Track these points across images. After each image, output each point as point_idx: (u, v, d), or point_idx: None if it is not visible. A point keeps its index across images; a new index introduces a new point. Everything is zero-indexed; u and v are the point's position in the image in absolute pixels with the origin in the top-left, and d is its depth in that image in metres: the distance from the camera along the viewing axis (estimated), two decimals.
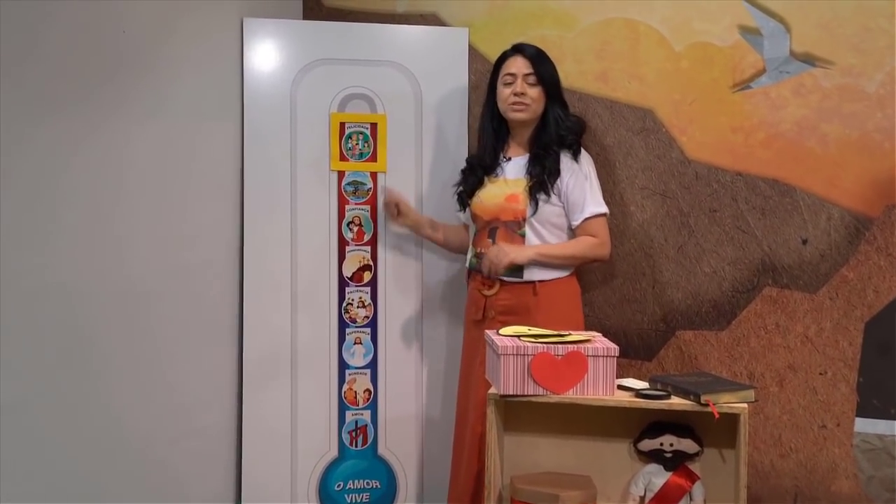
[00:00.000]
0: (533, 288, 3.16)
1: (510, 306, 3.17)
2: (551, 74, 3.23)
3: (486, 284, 3.20)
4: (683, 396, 2.77)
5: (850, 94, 3.24)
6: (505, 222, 3.19)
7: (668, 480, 2.84)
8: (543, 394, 2.76)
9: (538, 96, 3.21)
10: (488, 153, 3.28)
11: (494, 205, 3.21)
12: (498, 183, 3.23)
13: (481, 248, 3.20)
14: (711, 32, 3.35)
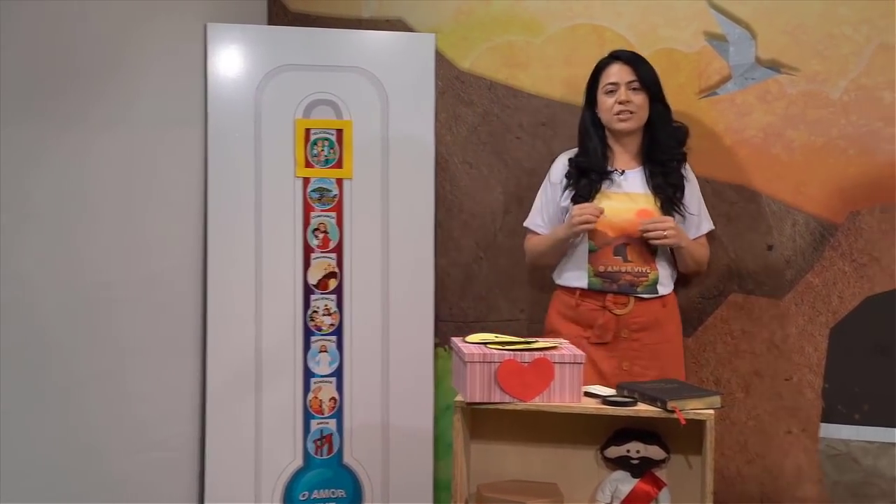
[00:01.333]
0: (663, 301, 3.14)
1: (644, 322, 3.11)
2: (653, 78, 3.15)
3: (618, 303, 3.11)
4: (650, 403, 2.79)
5: (815, 101, 3.28)
6: (636, 239, 3.09)
7: (634, 487, 2.86)
8: (510, 401, 2.76)
9: (643, 103, 3.12)
10: (600, 161, 3.16)
11: (624, 220, 3.10)
12: (619, 197, 3.13)
13: (607, 266, 3.10)
14: (678, 39, 3.39)
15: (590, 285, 3.13)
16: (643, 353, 3.11)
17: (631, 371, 3.09)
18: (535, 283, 3.52)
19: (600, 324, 3.11)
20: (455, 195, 3.56)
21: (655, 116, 3.14)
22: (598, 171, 3.14)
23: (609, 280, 3.10)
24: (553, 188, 3.23)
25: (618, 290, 3.10)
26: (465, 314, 3.56)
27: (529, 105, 3.50)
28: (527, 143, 3.52)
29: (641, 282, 3.10)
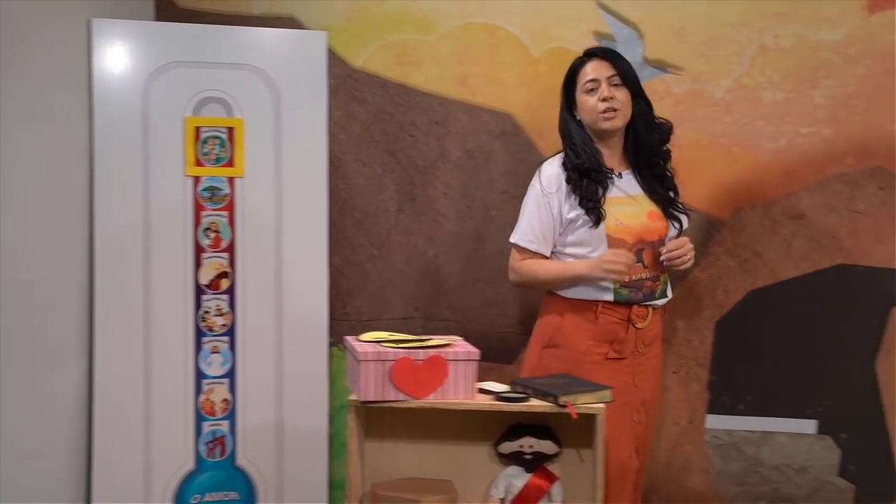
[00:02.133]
0: (663, 309, 3.08)
1: (653, 335, 3.05)
2: (632, 72, 3.05)
3: (640, 316, 3.00)
4: (542, 398, 2.83)
5: (700, 100, 3.38)
6: (651, 242, 2.99)
7: (527, 482, 2.90)
8: (404, 399, 2.78)
9: (626, 98, 3.01)
10: (595, 160, 3.01)
11: (639, 224, 2.99)
12: (626, 201, 3.01)
13: (631, 276, 2.96)
14: (568, 38, 3.44)
15: (616, 297, 2.98)
16: (648, 367, 3.06)
17: (641, 386, 3.03)
18: (428, 281, 3.54)
19: (622, 338, 2.99)
20: (349, 193, 3.56)
21: (637, 114, 3.04)
22: (597, 169, 2.99)
23: (635, 290, 2.98)
24: (549, 199, 3.03)
25: (643, 298, 2.99)
26: (360, 313, 3.57)
27: (423, 103, 3.52)
28: (420, 141, 3.54)
29: (657, 287, 3.02)
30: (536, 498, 2.90)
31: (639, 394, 3.01)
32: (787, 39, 3.32)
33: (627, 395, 2.96)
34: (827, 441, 3.39)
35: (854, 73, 3.30)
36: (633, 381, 3.00)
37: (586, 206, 2.96)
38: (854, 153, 3.32)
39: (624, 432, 2.97)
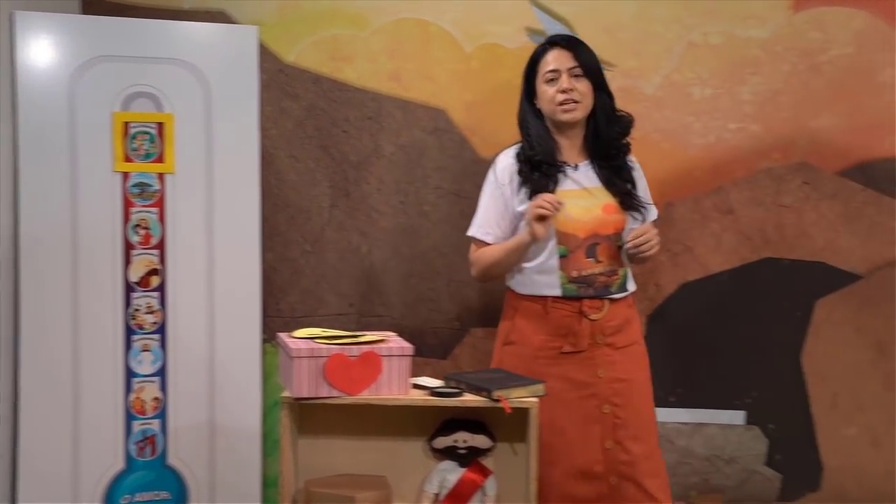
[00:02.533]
0: (630, 300, 3.02)
1: (617, 326, 2.97)
2: (596, 64, 2.96)
3: (593, 308, 2.94)
4: (476, 393, 2.84)
5: (631, 96, 3.42)
6: (606, 236, 2.93)
7: (461, 476, 2.91)
8: (337, 395, 2.77)
9: (587, 90, 2.94)
10: (549, 152, 2.95)
11: (593, 218, 2.93)
12: (580, 194, 2.94)
13: (581, 271, 2.92)
14: (501, 34, 3.46)
15: (564, 293, 2.94)
16: (616, 357, 2.97)
17: (606, 378, 2.96)
18: (362, 277, 3.53)
19: (575, 331, 2.94)
20: (281, 189, 3.54)
21: (598, 106, 2.97)
22: (550, 162, 2.94)
23: (584, 285, 2.93)
24: (503, 191, 3.01)
25: (594, 294, 2.93)
26: (293, 309, 3.55)
27: (356, 99, 3.51)
28: (353, 136, 3.53)
29: (614, 281, 2.96)
30: (470, 492, 2.91)
31: (606, 385, 2.94)
32: (716, 37, 3.37)
33: (592, 388, 2.94)
34: (755, 431, 3.46)
35: (780, 70, 3.36)
36: (595, 373, 2.95)
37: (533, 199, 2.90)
38: (780, 148, 3.39)
39: (591, 424, 2.94)
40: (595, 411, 2.95)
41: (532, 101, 3.01)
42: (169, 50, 3.28)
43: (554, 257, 2.93)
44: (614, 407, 2.95)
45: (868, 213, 3.36)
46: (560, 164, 2.95)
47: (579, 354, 2.94)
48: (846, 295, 3.39)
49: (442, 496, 2.93)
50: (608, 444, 2.95)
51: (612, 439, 2.96)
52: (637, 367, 3.02)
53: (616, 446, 2.96)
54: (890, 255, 3.36)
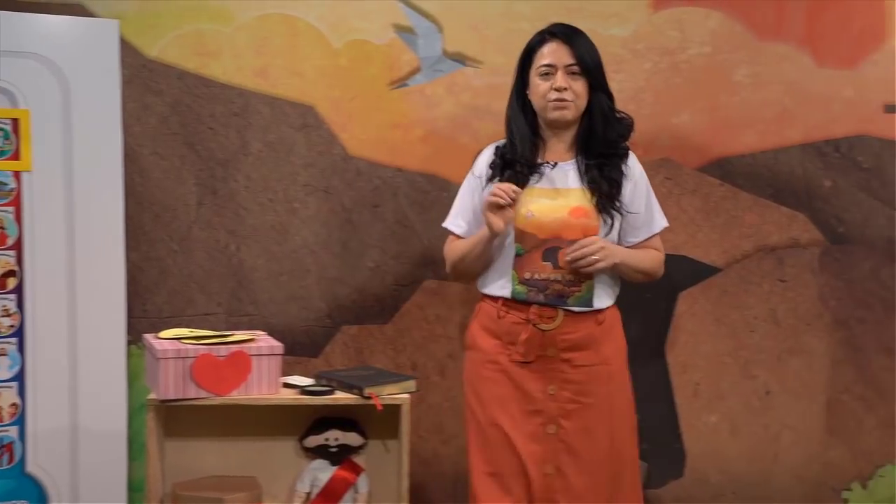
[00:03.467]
0: (599, 317, 2.73)
1: (576, 341, 2.70)
2: (595, 61, 2.76)
3: (544, 317, 2.70)
4: (347, 391, 2.86)
5: (499, 93, 3.41)
6: (570, 241, 2.67)
7: (333, 474, 2.93)
8: (206, 396, 2.75)
9: (582, 90, 2.73)
10: (527, 151, 2.77)
11: (556, 220, 2.70)
12: (550, 194, 2.74)
13: (533, 273, 2.70)
14: (369, 30, 3.45)
15: (513, 294, 2.72)
16: (573, 376, 2.71)
17: (558, 396, 2.71)
18: (230, 276, 3.48)
19: (523, 339, 2.71)
20: (146, 187, 3.46)
21: (596, 106, 2.76)
22: (523, 162, 2.75)
23: (535, 289, 2.70)
24: (476, 182, 2.84)
25: (544, 301, 2.70)
26: (160, 310, 3.47)
27: (222, 95, 3.45)
28: (220, 133, 3.47)
29: (573, 292, 2.70)
30: (342, 490, 2.93)
31: (555, 404, 2.71)
32: None
33: (540, 404, 2.71)
34: None
35: (642, 68, 3.45)
36: (545, 388, 2.71)
37: None
38: (643, 145, 3.45)
39: (532, 443, 2.71)
40: (538, 430, 2.71)
41: (523, 91, 2.82)
42: (23, 43, 3.17)
43: (510, 256, 2.74)
44: (560, 429, 2.71)
45: (726, 207, 3.48)
46: (535, 164, 2.76)
47: (530, 366, 2.71)
48: (706, 287, 3.50)
49: (314, 495, 2.94)
50: (548, 468, 2.72)
51: (552, 464, 2.72)
52: (601, 391, 2.73)
53: (556, 472, 2.72)
54: (747, 248, 3.49)
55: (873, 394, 3.46)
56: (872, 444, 3.46)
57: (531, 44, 2.82)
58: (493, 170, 2.80)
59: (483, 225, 2.72)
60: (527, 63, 2.81)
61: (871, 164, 3.42)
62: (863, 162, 3.42)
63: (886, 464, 3.46)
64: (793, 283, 3.48)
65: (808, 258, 3.47)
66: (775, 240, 3.47)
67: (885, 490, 3.45)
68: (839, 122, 3.42)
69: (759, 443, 3.49)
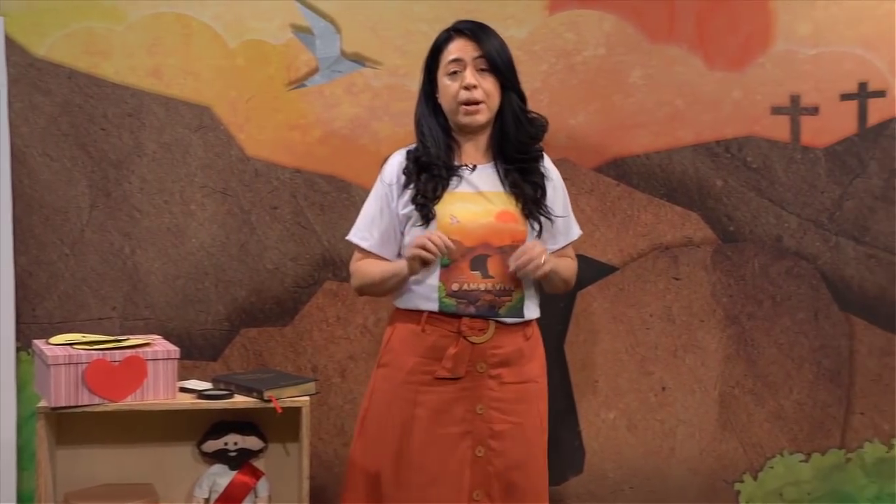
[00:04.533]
0: (526, 330, 2.63)
1: (506, 356, 2.58)
2: (504, 58, 2.64)
3: (474, 329, 2.56)
4: (246, 394, 2.84)
5: (398, 94, 3.45)
6: (500, 248, 2.56)
7: (232, 479, 2.90)
8: (99, 402, 2.70)
9: (493, 88, 2.62)
10: (443, 153, 2.63)
11: (482, 226, 2.57)
12: (473, 198, 2.61)
13: (462, 284, 2.56)
14: (265, 30, 3.41)
15: (441, 307, 2.57)
16: (503, 394, 2.59)
17: (486, 416, 2.57)
18: (125, 279, 3.41)
19: (452, 354, 2.55)
20: (35, 189, 3.36)
21: (507, 106, 2.65)
22: (441, 165, 2.62)
23: (465, 301, 2.56)
24: (388, 191, 2.69)
25: (475, 312, 2.56)
26: (51, 315, 3.38)
27: (114, 95, 3.37)
28: (113, 134, 3.40)
29: (504, 302, 2.59)
30: (242, 495, 2.90)
31: (484, 424, 2.57)
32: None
33: (468, 425, 2.57)
34: None
35: (539, 70, 3.48)
36: (473, 408, 2.58)
37: (417, 202, 2.60)
38: None
39: (461, 467, 2.58)
40: (467, 453, 2.57)
41: (433, 95, 2.71)
42: None
43: (436, 266, 2.58)
44: (489, 451, 2.58)
45: (622, 207, 3.54)
46: (453, 167, 2.65)
47: (457, 383, 2.56)
48: (603, 286, 3.55)
49: (212, 500, 2.91)
50: (476, 494, 2.58)
51: (482, 489, 2.59)
52: (530, 411, 2.65)
53: (485, 498, 2.59)
54: (642, 247, 3.55)
55: (763, 387, 3.55)
56: (763, 436, 3.55)
57: (437, 41, 2.71)
58: (408, 176, 2.65)
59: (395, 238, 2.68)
60: (434, 63, 2.71)
61: (759, 164, 3.51)
62: (752, 162, 3.51)
63: (776, 455, 3.55)
64: (686, 281, 3.55)
65: (701, 256, 3.54)
66: (669, 238, 3.54)
67: (775, 481, 3.55)
68: (729, 123, 3.50)
69: (656, 437, 3.55)
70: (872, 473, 3.53)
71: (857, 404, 3.54)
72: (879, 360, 3.52)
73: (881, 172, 3.49)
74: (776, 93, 3.49)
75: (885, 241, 3.50)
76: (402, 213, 2.66)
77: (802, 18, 3.46)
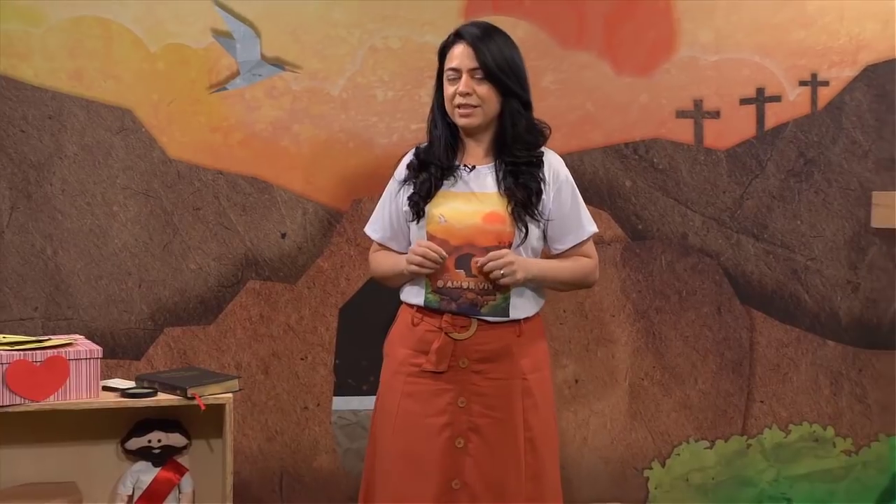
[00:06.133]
0: (518, 327, 2.61)
1: (489, 352, 2.57)
2: (502, 65, 2.60)
3: (456, 326, 2.57)
4: (170, 392, 2.82)
5: (318, 97, 3.45)
6: (485, 248, 2.54)
7: (156, 476, 2.88)
8: (21, 402, 2.66)
9: (489, 94, 2.59)
10: (443, 153, 2.64)
11: (469, 226, 2.57)
12: (465, 197, 2.61)
13: (446, 281, 2.57)
14: (186, 34, 3.39)
15: (426, 303, 2.60)
16: (486, 389, 2.57)
17: (469, 409, 2.56)
18: (47, 280, 3.35)
19: (435, 348, 2.56)
20: None
21: (506, 112, 2.62)
22: (438, 164, 2.64)
23: (448, 298, 2.58)
24: (396, 186, 2.72)
25: (457, 309, 2.57)
26: None
27: (34, 97, 3.32)
28: (33, 137, 3.34)
29: (487, 301, 2.58)
30: (166, 491, 2.88)
31: (465, 417, 2.57)
32: (395, 41, 3.46)
33: (449, 416, 2.57)
34: None
35: None
36: (455, 401, 2.57)
37: (411, 199, 2.64)
38: None
39: (442, 457, 2.57)
40: (448, 444, 2.57)
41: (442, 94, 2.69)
42: None
43: None
44: (469, 443, 2.58)
45: None
46: (451, 168, 2.65)
47: (441, 376, 2.57)
48: None
49: (136, 497, 2.88)
50: (455, 483, 2.57)
51: (460, 479, 2.57)
52: (515, 406, 2.60)
53: (464, 487, 2.57)
54: None
55: (670, 378, 3.62)
56: (670, 425, 3.62)
57: (443, 45, 2.70)
58: (410, 171, 2.68)
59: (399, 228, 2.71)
60: (441, 67, 2.70)
61: (665, 165, 3.58)
62: (658, 163, 3.58)
63: (682, 443, 3.62)
64: (598, 278, 3.59)
65: (612, 253, 3.60)
66: None
67: (682, 467, 3.62)
68: (636, 126, 3.56)
69: (570, 428, 3.61)
70: (771, 458, 3.62)
71: (758, 393, 3.63)
72: (778, 351, 3.62)
73: (778, 173, 3.58)
74: (680, 97, 3.56)
75: (783, 238, 3.60)
76: (404, 208, 2.69)
77: (704, 27, 3.53)
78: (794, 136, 3.57)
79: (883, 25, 3.52)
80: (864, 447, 3.62)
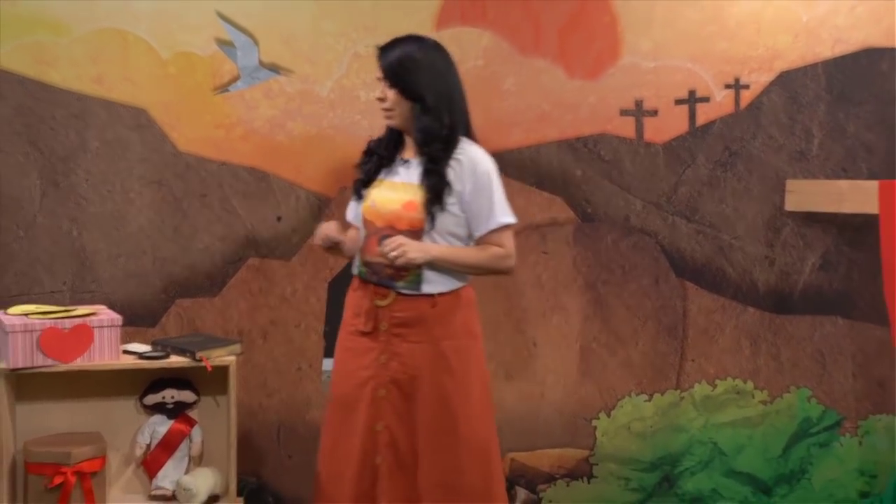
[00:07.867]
0: (432, 300, 2.71)
1: (405, 319, 2.70)
2: (397, 72, 2.69)
3: (378, 294, 2.71)
4: (181, 355, 2.89)
5: (308, 98, 3.51)
6: (402, 231, 2.67)
7: (170, 427, 2.95)
8: (53, 364, 2.73)
9: (396, 99, 2.69)
10: (384, 146, 2.79)
11: (390, 211, 2.70)
12: (394, 186, 2.74)
13: (371, 257, 2.73)
14: (193, 43, 3.44)
15: (359, 273, 2.79)
16: (403, 349, 2.71)
17: (388, 366, 2.71)
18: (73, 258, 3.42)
19: (363, 311, 2.74)
20: None
21: (413, 114, 2.71)
22: (380, 155, 2.79)
23: (371, 271, 2.74)
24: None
25: (377, 281, 2.72)
26: (8, 290, 3.38)
27: (61, 99, 3.37)
28: (60, 133, 3.40)
29: (402, 276, 2.69)
30: (178, 441, 2.97)
31: (385, 372, 2.71)
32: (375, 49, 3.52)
33: (373, 370, 2.72)
34: None
35: None
36: (378, 357, 2.72)
37: (355, 183, 2.82)
38: None
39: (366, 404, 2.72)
40: (372, 393, 2.72)
41: None
42: None
43: (361, 239, 2.80)
44: (389, 394, 2.72)
45: None
46: (388, 158, 2.79)
47: (369, 336, 2.73)
48: None
49: (153, 446, 2.96)
50: (379, 426, 2.72)
51: (382, 423, 2.72)
52: (426, 367, 2.71)
53: (385, 430, 2.73)
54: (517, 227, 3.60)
55: (615, 341, 3.68)
56: (615, 381, 3.68)
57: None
58: (361, 158, 2.87)
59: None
60: None
61: (611, 157, 3.62)
62: (605, 155, 3.63)
63: (625, 396, 3.69)
64: (553, 255, 3.65)
65: (565, 234, 3.65)
66: (539, 219, 3.63)
67: (625, 417, 3.68)
68: (586, 123, 3.60)
69: (529, 385, 3.67)
70: (700, 408, 3.69)
71: (689, 353, 3.69)
72: (707, 317, 3.68)
73: (707, 164, 3.64)
74: (624, 98, 3.60)
75: (711, 219, 3.65)
76: None
77: (644, 37, 3.57)
78: (721, 132, 3.62)
79: (794, 38, 3.58)
80: (778, 398, 3.69)
